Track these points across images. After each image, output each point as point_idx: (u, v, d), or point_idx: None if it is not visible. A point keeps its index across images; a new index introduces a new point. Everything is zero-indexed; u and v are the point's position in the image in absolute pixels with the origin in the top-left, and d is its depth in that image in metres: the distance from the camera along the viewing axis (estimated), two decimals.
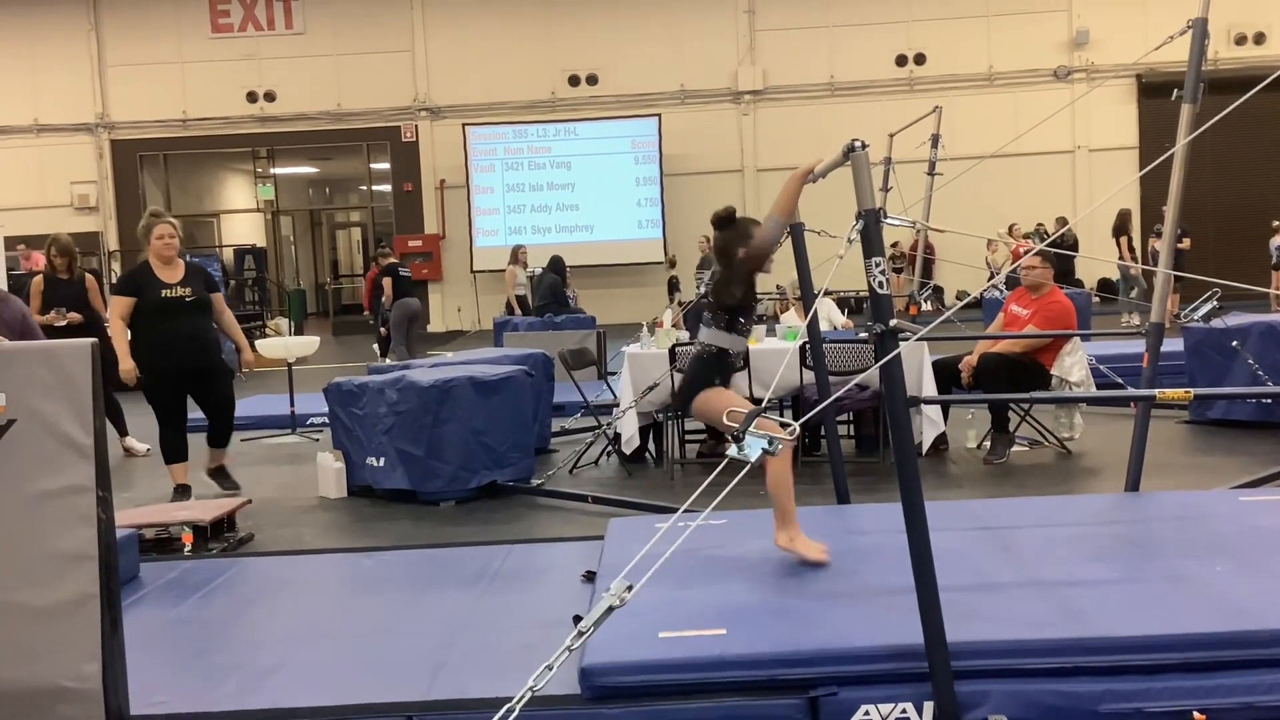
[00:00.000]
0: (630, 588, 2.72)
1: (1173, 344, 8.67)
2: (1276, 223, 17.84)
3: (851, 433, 8.20)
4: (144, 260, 7.06)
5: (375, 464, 7.08)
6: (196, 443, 7.31)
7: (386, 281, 14.00)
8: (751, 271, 4.54)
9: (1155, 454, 6.47)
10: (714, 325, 4.59)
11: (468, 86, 22.45)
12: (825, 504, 5.99)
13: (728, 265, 4.58)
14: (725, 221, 4.61)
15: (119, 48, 22.88)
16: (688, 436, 8.18)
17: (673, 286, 18.27)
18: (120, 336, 6.90)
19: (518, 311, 15.46)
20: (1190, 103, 5.49)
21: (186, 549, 5.80)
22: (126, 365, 6.85)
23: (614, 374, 9.27)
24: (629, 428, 7.70)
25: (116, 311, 6.93)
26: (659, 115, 22.07)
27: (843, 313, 9.76)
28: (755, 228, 4.56)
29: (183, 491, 7.11)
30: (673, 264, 18.52)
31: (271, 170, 24.67)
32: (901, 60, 21.97)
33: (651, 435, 8.04)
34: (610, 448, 7.98)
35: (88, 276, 9.18)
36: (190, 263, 7.26)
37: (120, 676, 3.19)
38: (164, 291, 6.87)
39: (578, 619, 2.93)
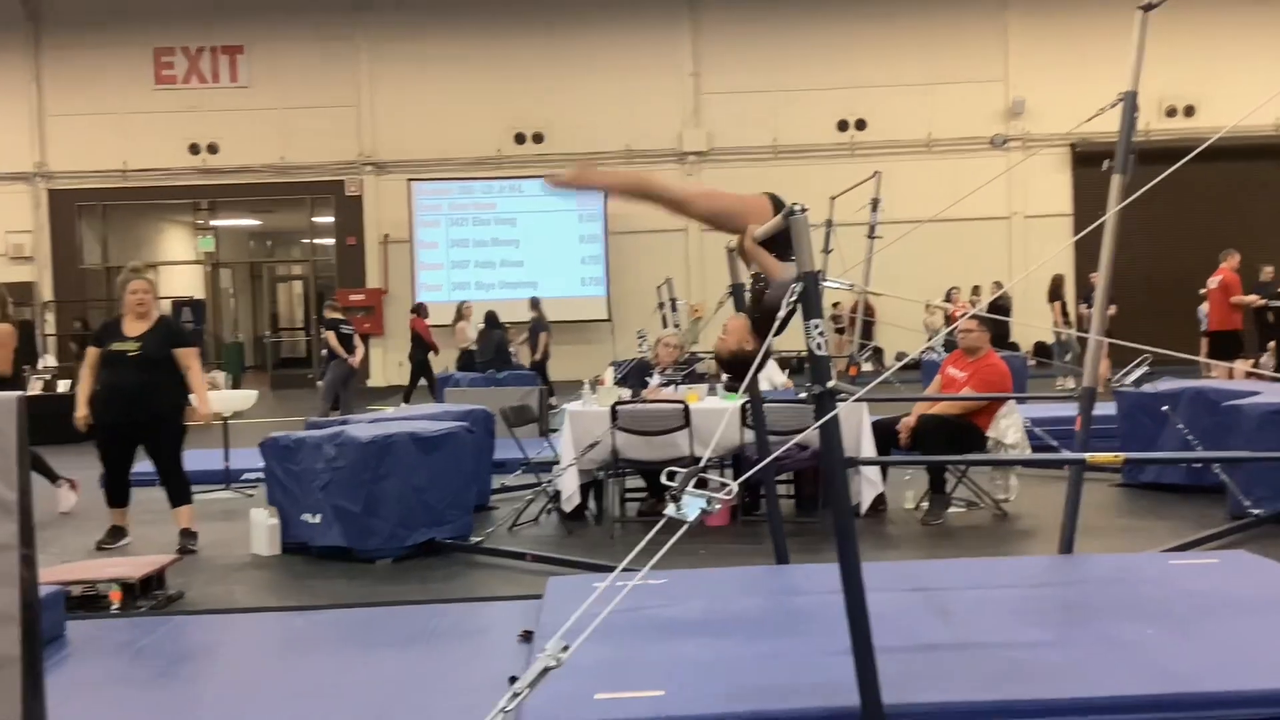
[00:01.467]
0: (566, 648, 2.70)
1: (1107, 408, 8.83)
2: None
3: (792, 492, 8.22)
4: (121, 313, 7.41)
5: (311, 521, 6.97)
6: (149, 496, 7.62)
7: (330, 335, 13.87)
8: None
9: (1089, 516, 6.55)
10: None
11: (413, 142, 22.49)
12: (765, 564, 6.00)
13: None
14: None
15: (60, 97, 22.66)
16: (628, 494, 8.16)
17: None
18: (83, 384, 7.33)
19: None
20: (1120, 173, 5.64)
21: (114, 607, 5.65)
22: (79, 413, 7.22)
23: (555, 431, 9.24)
24: (569, 485, 7.65)
25: (86, 360, 7.39)
26: None
27: (784, 373, 9.82)
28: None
29: (115, 533, 7.35)
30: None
31: (212, 222, 24.46)
32: (843, 125, 22.35)
33: (592, 493, 8.01)
34: (550, 505, 7.93)
35: (2, 327, 8.77)
36: (163, 318, 7.53)
37: None
38: (114, 344, 7.17)
39: (514, 680, 2.90)
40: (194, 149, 22.72)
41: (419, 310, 17.56)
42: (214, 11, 22.47)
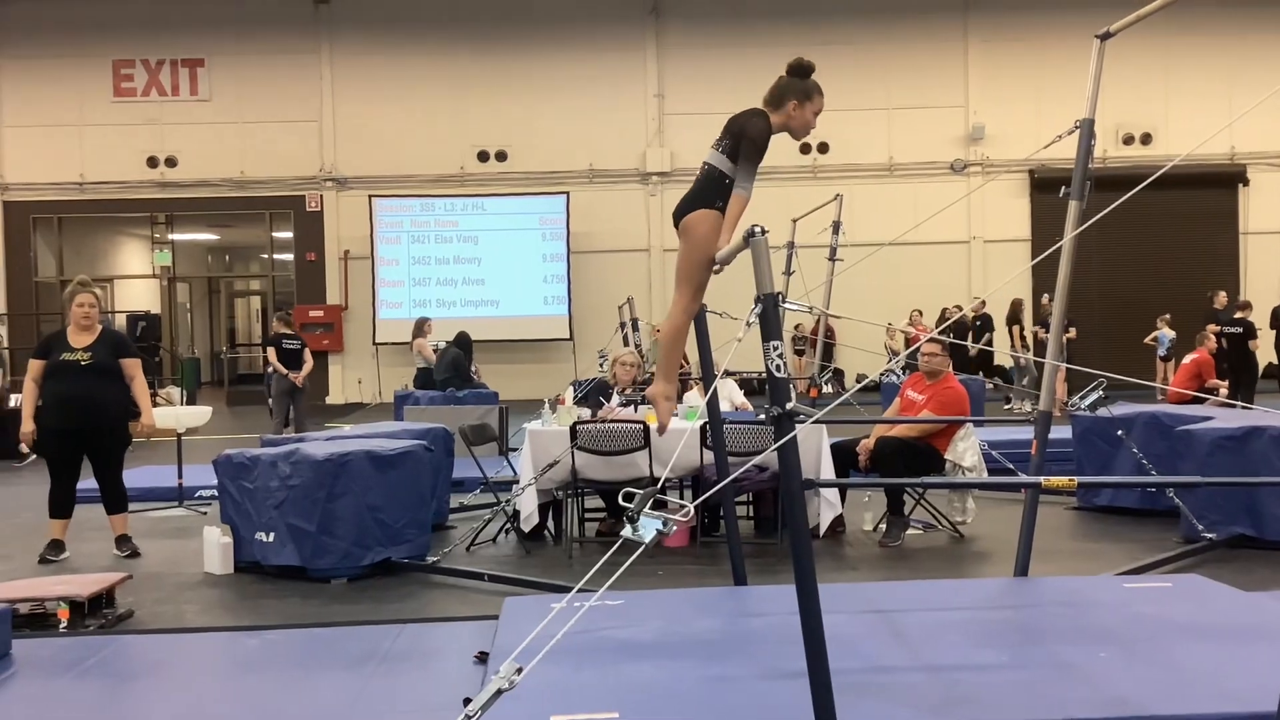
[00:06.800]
0: (520, 670, 2.67)
1: (1064, 431, 8.91)
2: (1165, 316, 18.57)
3: (751, 513, 8.23)
4: (65, 325, 7.59)
5: (264, 539, 6.89)
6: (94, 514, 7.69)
7: (271, 351, 13.68)
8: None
9: (1044, 539, 6.59)
10: (721, 150, 4.32)
11: (375, 158, 22.38)
12: (723, 585, 5.99)
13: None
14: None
15: (17, 109, 22.37)
16: (587, 515, 8.13)
17: None
18: (27, 398, 7.48)
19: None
20: (1077, 199, 5.71)
21: (62, 625, 5.57)
22: (26, 427, 7.39)
23: (515, 450, 9.19)
24: (528, 505, 7.61)
25: (30, 374, 7.50)
26: (567, 193, 22.22)
27: (744, 393, 9.83)
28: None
29: (55, 546, 7.40)
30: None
31: (169, 236, 24.19)
32: (805, 148, 22.42)
33: (551, 513, 7.97)
34: (509, 525, 7.89)
35: None
36: (106, 329, 7.72)
37: None
38: (64, 355, 7.35)
39: (468, 701, 2.87)
40: (152, 162, 22.49)
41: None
42: (174, 24, 22.28)
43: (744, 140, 4.24)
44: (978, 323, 18.34)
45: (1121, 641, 4.32)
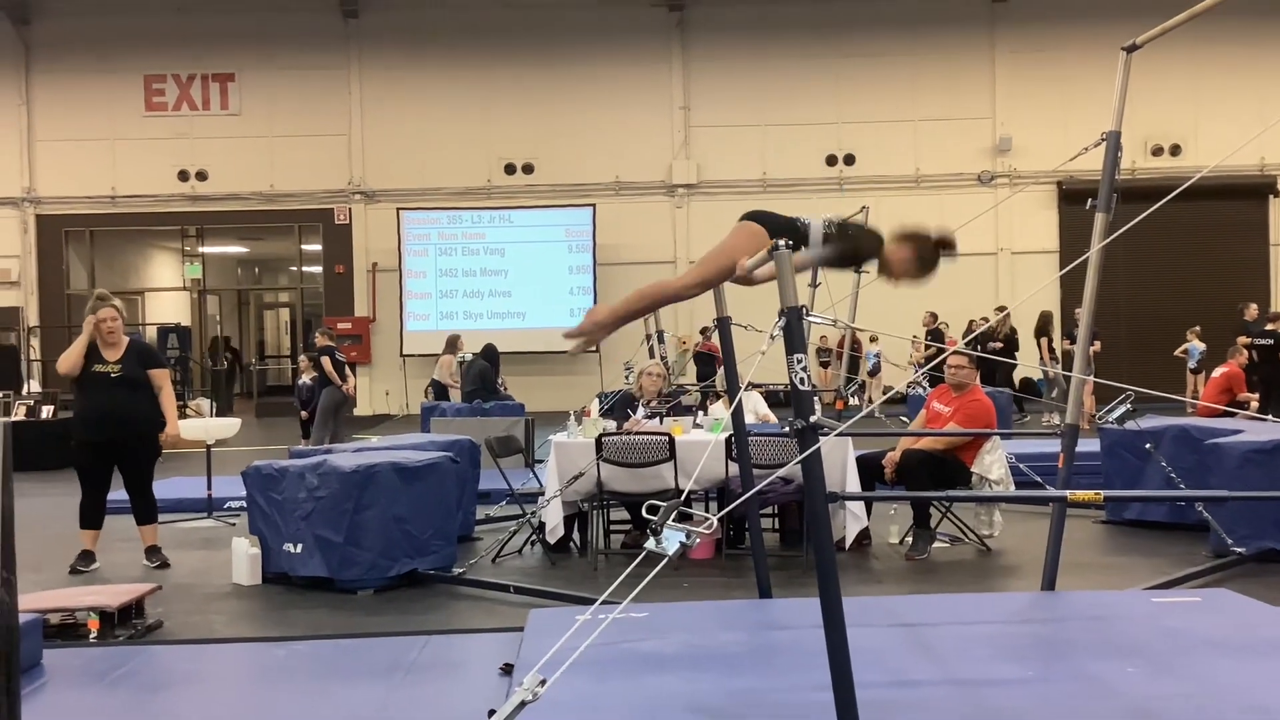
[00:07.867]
0: (544, 681, 2.69)
1: (1092, 445, 8.86)
2: (1195, 329, 18.43)
3: (776, 526, 8.21)
4: (95, 340, 7.61)
5: (292, 550, 6.93)
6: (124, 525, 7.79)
7: (326, 361, 13.77)
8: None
9: (1071, 553, 6.56)
10: (827, 226, 4.34)
11: (403, 171, 22.54)
12: (748, 597, 5.99)
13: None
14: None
15: (50, 123, 22.67)
16: (612, 527, 8.13)
17: None
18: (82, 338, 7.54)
19: (455, 396, 15.13)
20: (1104, 211, 5.69)
21: (92, 635, 5.61)
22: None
23: (541, 462, 9.22)
24: (554, 517, 7.63)
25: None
26: (594, 205, 22.30)
27: (769, 406, 9.81)
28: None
29: (86, 557, 7.48)
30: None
31: (200, 249, 24.44)
32: (832, 160, 22.47)
33: (576, 525, 7.98)
34: (534, 537, 7.90)
35: None
36: (134, 341, 7.82)
37: None
38: (95, 365, 7.46)
39: (492, 713, 2.88)
40: (183, 175, 22.73)
41: (704, 333, 18.04)
42: (205, 39, 22.53)
43: (845, 238, 4.32)
44: (929, 337, 18.14)
45: (1150, 656, 4.29)
